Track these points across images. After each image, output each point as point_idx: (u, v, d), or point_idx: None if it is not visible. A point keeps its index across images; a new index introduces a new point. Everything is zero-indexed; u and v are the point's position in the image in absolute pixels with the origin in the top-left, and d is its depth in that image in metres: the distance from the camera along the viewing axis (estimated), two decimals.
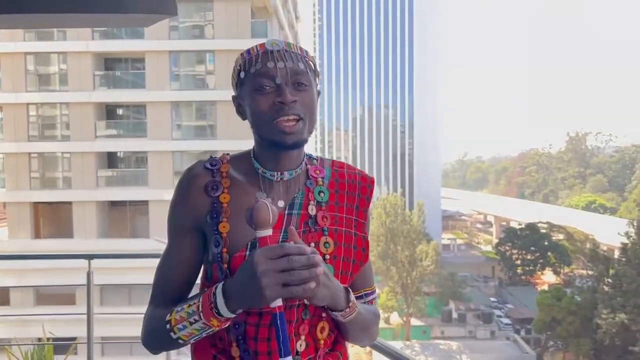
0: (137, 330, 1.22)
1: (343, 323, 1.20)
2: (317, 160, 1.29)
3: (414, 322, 39.12)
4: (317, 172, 1.26)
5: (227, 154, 1.27)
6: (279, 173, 1.20)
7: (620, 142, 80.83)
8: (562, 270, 46.74)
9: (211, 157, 1.25)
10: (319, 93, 1.23)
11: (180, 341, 1.13)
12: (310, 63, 1.20)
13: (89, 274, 3.25)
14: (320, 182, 1.24)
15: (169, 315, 1.14)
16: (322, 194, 1.23)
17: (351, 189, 1.27)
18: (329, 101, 70.39)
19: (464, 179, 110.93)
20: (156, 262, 1.25)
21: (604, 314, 29.61)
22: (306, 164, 1.25)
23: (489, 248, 58.70)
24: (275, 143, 1.15)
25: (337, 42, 70.45)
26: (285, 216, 1.19)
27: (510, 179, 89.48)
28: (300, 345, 1.17)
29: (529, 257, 46.63)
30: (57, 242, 21.81)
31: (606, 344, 29.93)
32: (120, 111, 25.15)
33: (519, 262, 47.39)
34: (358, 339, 1.29)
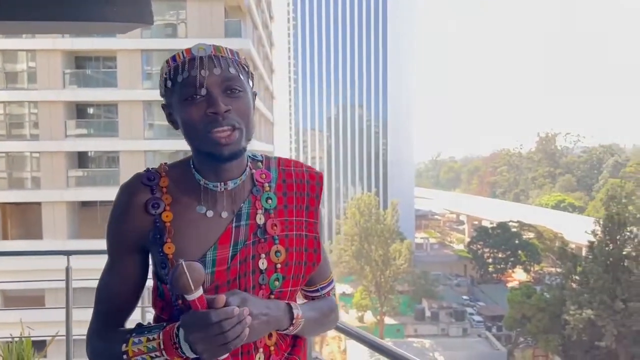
0: None
1: None
2: (262, 162, 1.22)
3: (388, 320, 39.47)
4: (263, 176, 1.20)
5: (165, 163, 1.20)
6: (222, 183, 1.14)
7: (588, 143, 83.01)
8: (532, 268, 47.79)
9: (148, 170, 1.18)
10: (255, 95, 1.17)
11: None
12: (242, 66, 1.14)
13: (67, 269, 3.30)
14: (267, 188, 1.19)
15: (124, 345, 1.09)
16: (269, 201, 1.18)
17: (300, 189, 1.22)
18: (303, 101, 70.49)
19: (437, 178, 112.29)
20: None
21: (571, 310, 30.38)
22: (251, 169, 1.19)
23: (461, 247, 59.58)
24: (212, 155, 1.09)
25: (312, 41, 70.59)
26: (233, 229, 1.14)
27: (482, 179, 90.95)
28: (259, 358, 1.16)
29: (500, 255, 47.55)
30: (26, 243, 21.33)
31: (574, 339, 30.72)
32: (91, 110, 24.75)
33: (490, 260, 48.30)
34: (313, 334, 1.31)
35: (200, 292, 0.99)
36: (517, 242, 46.63)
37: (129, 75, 22.63)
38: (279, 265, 1.16)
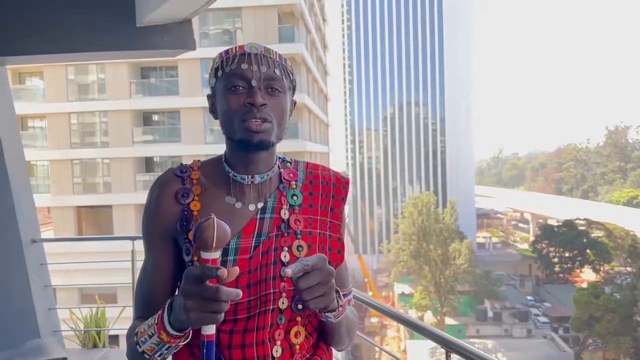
0: None
1: (329, 326, 1.18)
2: (291, 163, 1.28)
3: (449, 321, 38.92)
4: (291, 175, 1.24)
5: (198, 160, 1.25)
6: (250, 176, 1.18)
7: None
8: (601, 268, 45.69)
9: (181, 164, 1.24)
10: (294, 104, 1.23)
11: (146, 356, 1.05)
12: (289, 72, 1.19)
13: (132, 252, 3.80)
14: (294, 186, 1.23)
15: (139, 327, 1.08)
16: (295, 197, 1.22)
17: (325, 191, 1.26)
18: (359, 101, 70.56)
19: (499, 176, 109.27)
20: None
21: None
22: (279, 168, 1.24)
23: (525, 246, 57.76)
24: (242, 142, 1.13)
25: (366, 40, 70.53)
26: (258, 220, 1.17)
27: (548, 176, 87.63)
28: (277, 351, 1.15)
29: (566, 254, 45.74)
30: (99, 242, 22.72)
31: None
32: (155, 117, 26.01)
33: (556, 259, 46.56)
34: (342, 342, 1.25)
35: (218, 254, 0.94)
36: (584, 240, 44.67)
37: (189, 83, 23.64)
38: None
